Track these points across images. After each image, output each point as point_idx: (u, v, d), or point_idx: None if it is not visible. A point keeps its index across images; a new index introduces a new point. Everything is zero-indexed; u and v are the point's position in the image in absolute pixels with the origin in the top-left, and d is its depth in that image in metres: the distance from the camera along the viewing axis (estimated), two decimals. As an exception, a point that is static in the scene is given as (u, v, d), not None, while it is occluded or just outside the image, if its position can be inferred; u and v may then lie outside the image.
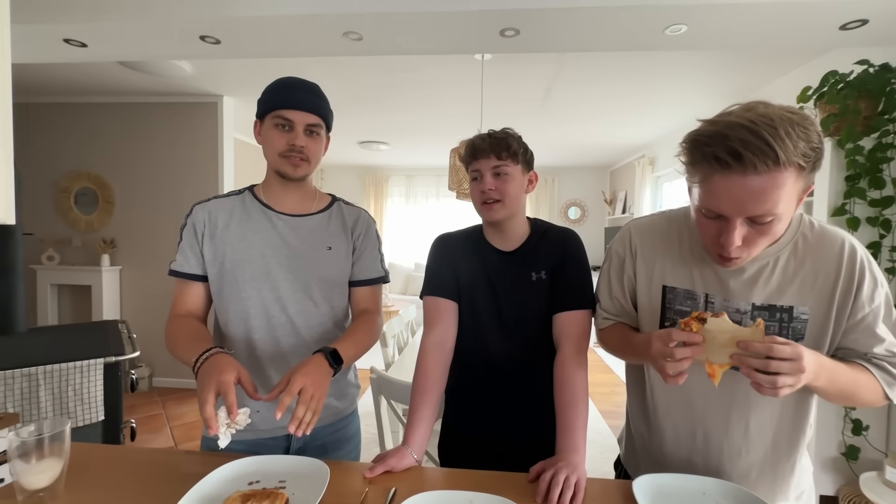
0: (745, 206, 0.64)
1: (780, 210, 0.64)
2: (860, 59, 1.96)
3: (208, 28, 1.77)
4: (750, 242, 0.69)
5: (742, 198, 0.64)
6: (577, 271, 1.02)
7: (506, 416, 1.04)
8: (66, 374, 1.70)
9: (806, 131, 0.62)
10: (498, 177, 0.99)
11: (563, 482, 0.76)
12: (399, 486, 0.80)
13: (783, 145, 0.60)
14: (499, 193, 0.99)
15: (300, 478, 0.80)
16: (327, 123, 1.03)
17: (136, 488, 0.79)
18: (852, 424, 1.99)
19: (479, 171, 1.00)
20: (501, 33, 1.82)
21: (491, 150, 0.99)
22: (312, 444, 1.03)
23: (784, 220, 0.67)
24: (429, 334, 1.02)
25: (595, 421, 3.17)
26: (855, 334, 0.76)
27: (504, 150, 0.98)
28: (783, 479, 0.85)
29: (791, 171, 0.62)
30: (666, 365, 0.69)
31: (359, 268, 1.08)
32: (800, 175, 0.63)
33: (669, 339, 0.68)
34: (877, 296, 0.74)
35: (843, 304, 0.75)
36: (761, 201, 0.63)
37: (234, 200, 1.04)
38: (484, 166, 0.99)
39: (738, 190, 0.64)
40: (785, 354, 0.62)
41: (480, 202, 1.01)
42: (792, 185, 0.63)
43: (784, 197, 0.63)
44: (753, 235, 0.68)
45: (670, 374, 0.69)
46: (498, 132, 1.01)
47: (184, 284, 1.01)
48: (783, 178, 0.62)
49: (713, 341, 0.68)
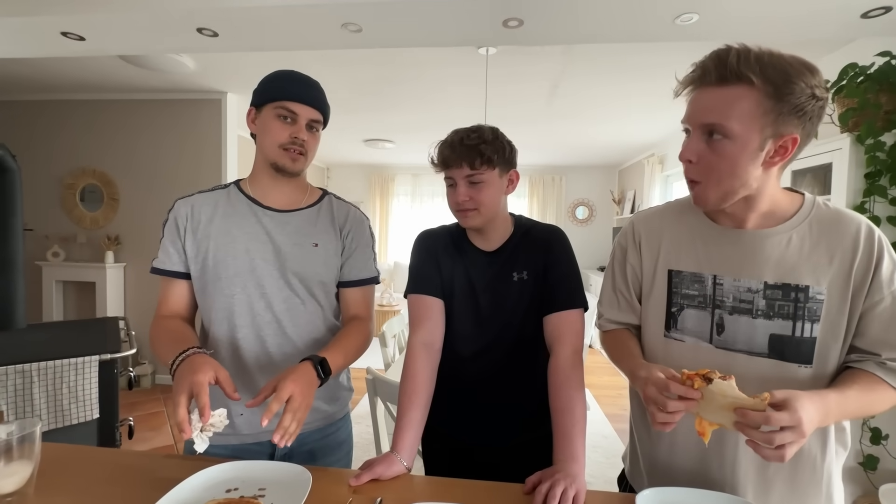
0: (697, 111, 0.69)
1: (734, 127, 0.66)
2: (882, 52, 1.88)
3: (205, 20, 1.73)
4: (705, 163, 0.70)
5: (698, 104, 0.70)
6: (564, 270, 0.98)
7: (482, 417, 1.01)
8: (60, 371, 1.68)
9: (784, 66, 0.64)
10: (473, 185, 0.94)
11: (561, 495, 0.71)
12: (385, 496, 0.75)
13: (737, 60, 0.64)
14: (474, 203, 0.94)
15: (281, 485, 0.75)
16: (326, 120, 1.02)
17: (110, 493, 0.75)
18: (871, 433, 1.90)
19: (452, 179, 0.96)
20: (505, 24, 1.76)
21: (463, 159, 0.92)
22: (299, 449, 0.99)
23: (742, 146, 0.67)
24: (416, 334, 0.98)
25: (601, 425, 3.09)
26: (870, 327, 0.71)
27: (477, 158, 0.92)
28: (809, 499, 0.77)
29: (743, 87, 0.65)
30: (656, 413, 0.65)
31: (349, 267, 1.03)
32: (758, 98, 0.64)
33: (665, 389, 0.64)
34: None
35: (860, 285, 0.70)
36: (711, 109, 0.67)
37: (219, 194, 1.00)
38: (457, 175, 0.94)
39: (697, 101, 0.70)
40: (783, 423, 0.58)
41: (455, 211, 0.97)
42: (749, 106, 0.65)
43: (737, 115, 0.65)
44: (708, 155, 0.69)
45: (659, 422, 0.65)
46: (470, 136, 0.93)
47: (168, 283, 0.97)
48: (735, 93, 0.65)
49: (711, 401, 0.64)
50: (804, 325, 0.72)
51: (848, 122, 1.95)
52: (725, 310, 0.77)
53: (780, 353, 0.74)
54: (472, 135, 0.94)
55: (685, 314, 0.81)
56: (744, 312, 0.76)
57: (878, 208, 1.88)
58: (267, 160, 0.97)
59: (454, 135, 0.96)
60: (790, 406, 0.59)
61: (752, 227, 0.76)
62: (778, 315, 0.74)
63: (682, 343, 0.81)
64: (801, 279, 0.72)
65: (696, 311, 0.80)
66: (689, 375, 0.64)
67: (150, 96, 3.51)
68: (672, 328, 0.82)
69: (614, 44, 2.07)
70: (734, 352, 0.77)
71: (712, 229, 0.80)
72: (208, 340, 0.97)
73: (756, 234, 0.76)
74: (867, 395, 0.68)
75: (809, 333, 0.72)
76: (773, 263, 0.74)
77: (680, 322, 0.81)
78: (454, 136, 0.95)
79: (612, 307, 0.92)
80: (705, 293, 0.79)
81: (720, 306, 0.78)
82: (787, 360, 0.74)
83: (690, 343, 0.80)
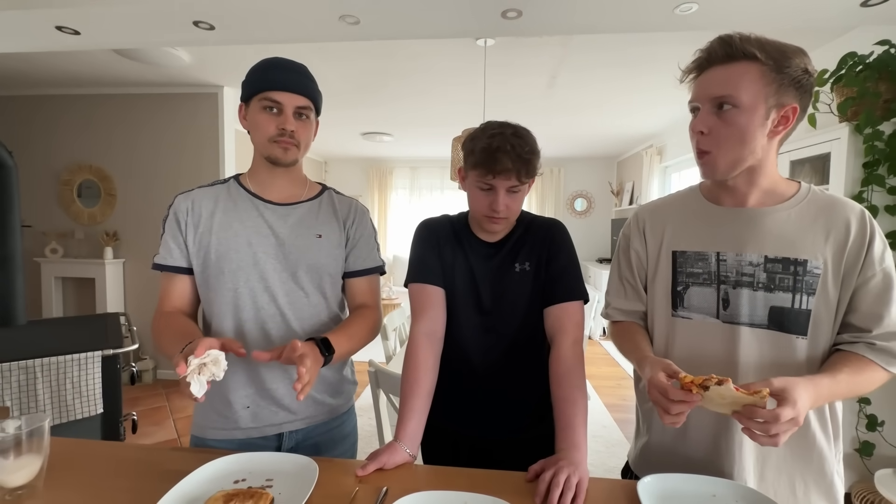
0: (708, 88, 0.75)
1: (743, 98, 0.72)
2: (881, 40, 1.87)
3: (201, 13, 1.72)
4: (716, 134, 0.75)
5: (707, 84, 0.75)
6: (565, 263, 0.98)
7: (483, 409, 1.01)
8: (63, 367, 1.68)
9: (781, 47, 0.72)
10: (510, 194, 0.92)
11: (564, 482, 0.72)
12: (391, 485, 0.76)
13: (740, 41, 0.72)
14: (508, 212, 0.93)
15: (288, 476, 0.76)
16: (317, 106, 0.99)
17: (118, 486, 0.76)
18: (867, 420, 1.93)
19: (492, 186, 0.90)
20: (503, 15, 1.75)
21: (514, 171, 0.88)
22: (305, 443, 1.00)
23: (750, 116, 0.72)
24: (418, 323, 0.98)
25: (601, 415, 3.12)
26: (863, 301, 0.75)
27: (525, 171, 0.89)
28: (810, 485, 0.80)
29: (749, 63, 0.71)
30: (663, 414, 0.69)
31: (353, 258, 1.04)
32: (762, 73, 0.71)
33: (667, 395, 0.67)
34: (887, 258, 0.75)
35: (853, 262, 0.75)
36: (720, 83, 0.73)
37: (219, 189, 1.00)
38: (501, 185, 0.90)
39: (705, 79, 0.76)
40: (787, 418, 0.61)
41: (485, 215, 0.93)
42: (754, 78, 0.71)
43: (744, 87, 0.71)
44: (719, 126, 0.74)
45: (666, 422, 0.68)
46: (522, 146, 0.88)
47: (169, 278, 0.97)
48: (741, 67, 0.72)
49: (711, 401, 0.66)
50: (802, 297, 0.76)
51: (847, 111, 1.95)
52: (730, 284, 0.80)
53: (779, 325, 0.77)
54: (522, 144, 0.89)
55: (691, 292, 0.84)
56: (746, 286, 0.79)
57: (877, 197, 1.89)
58: (261, 154, 0.97)
59: (500, 139, 0.88)
60: (790, 398, 0.62)
61: (753, 204, 0.80)
62: (778, 288, 0.77)
63: (689, 321, 0.84)
64: (800, 253, 0.76)
65: (701, 287, 0.83)
66: (686, 385, 0.66)
67: (147, 90, 3.48)
68: (679, 307, 0.85)
69: (613, 35, 2.06)
70: (738, 325, 0.79)
71: (714, 210, 0.84)
72: (212, 334, 0.97)
73: (757, 212, 0.80)
74: (857, 377, 0.72)
75: (805, 305, 0.76)
76: (774, 238, 0.78)
77: (686, 300, 0.84)
78: (501, 142, 0.87)
79: (619, 296, 0.94)
80: (710, 270, 0.82)
81: (725, 281, 0.81)
82: (785, 331, 0.77)
83: (698, 319, 0.83)
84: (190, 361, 0.71)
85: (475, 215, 0.97)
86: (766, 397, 0.62)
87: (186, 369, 0.70)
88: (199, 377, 0.71)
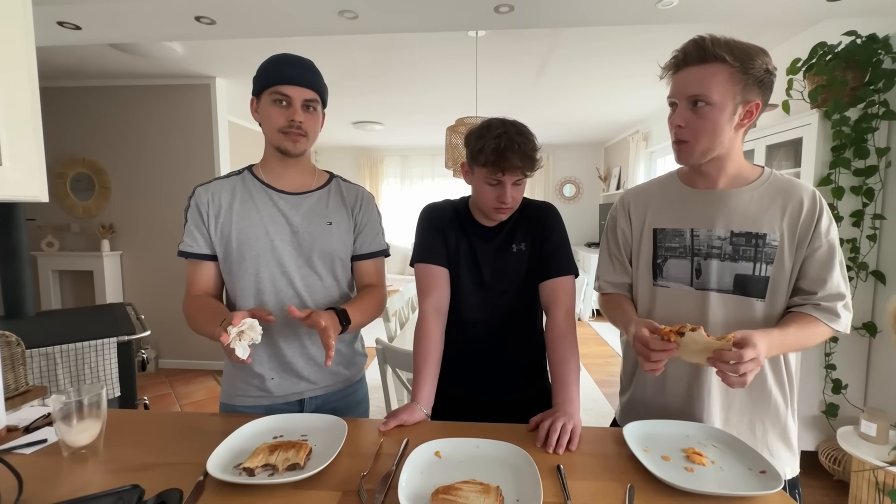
0: (685, 86, 0.84)
1: (714, 97, 0.82)
2: (848, 31, 1.99)
3: (204, 8, 1.76)
4: (692, 126, 0.85)
5: (684, 81, 0.85)
6: (558, 241, 1.09)
7: (482, 373, 1.13)
8: (81, 352, 1.76)
9: (746, 49, 0.81)
10: (516, 187, 1.02)
11: (560, 428, 0.84)
12: (411, 437, 0.87)
13: (713, 44, 0.81)
14: (514, 202, 1.03)
15: (320, 432, 0.86)
16: (323, 99, 1.05)
17: (168, 445, 0.85)
18: (832, 384, 2.10)
19: (500, 181, 0.99)
20: (496, 9, 1.83)
21: (522, 167, 0.98)
22: (324, 408, 1.10)
23: (720, 112, 0.83)
24: (426, 300, 1.08)
25: (590, 389, 3.29)
26: (811, 268, 0.87)
27: (530, 167, 0.99)
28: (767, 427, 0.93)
29: (719, 65, 0.81)
30: (644, 363, 0.80)
31: (360, 242, 1.12)
32: (731, 73, 0.81)
33: (648, 345, 0.79)
34: (832, 231, 0.87)
35: (804, 235, 0.87)
36: (695, 83, 0.83)
37: (235, 181, 1.07)
38: (509, 179, 0.99)
39: (682, 78, 0.85)
40: (749, 357, 0.73)
41: (493, 207, 1.03)
42: (724, 79, 0.81)
43: (716, 87, 0.81)
44: (694, 119, 0.85)
45: (647, 369, 0.80)
46: (527, 144, 0.97)
47: (195, 265, 1.05)
48: (713, 69, 0.81)
49: (687, 347, 0.78)
50: (761, 265, 0.89)
51: (817, 98, 2.08)
52: (701, 256, 0.93)
53: (742, 290, 0.90)
54: (526, 142, 0.97)
55: (669, 264, 0.96)
56: (715, 257, 0.91)
57: (843, 179, 2.03)
58: (272, 145, 1.04)
59: (507, 139, 0.96)
60: (750, 342, 0.74)
61: (722, 187, 0.93)
62: (742, 258, 0.90)
63: (667, 289, 0.96)
64: (760, 228, 0.88)
65: (677, 260, 0.95)
66: (665, 333, 0.78)
67: (138, 82, 3.47)
68: (659, 277, 0.97)
69: (600, 27, 2.15)
70: (708, 291, 0.92)
71: (689, 192, 0.96)
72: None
73: (725, 193, 0.92)
74: (804, 331, 0.85)
75: (764, 273, 0.89)
76: (739, 215, 0.90)
77: (665, 271, 0.96)
78: (508, 142, 0.95)
79: (609, 270, 1.06)
80: (685, 244, 0.94)
81: (697, 254, 0.93)
82: (747, 295, 0.90)
83: (675, 288, 0.96)
84: (230, 331, 0.82)
85: (483, 207, 1.06)
86: (730, 340, 0.74)
87: (228, 338, 0.81)
88: (241, 342, 0.83)
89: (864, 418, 1.80)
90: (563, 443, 0.82)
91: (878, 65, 1.95)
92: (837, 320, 0.85)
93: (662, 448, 0.81)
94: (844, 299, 0.86)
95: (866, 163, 1.98)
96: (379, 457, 0.81)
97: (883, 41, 1.95)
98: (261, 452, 0.77)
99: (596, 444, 0.85)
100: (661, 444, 0.83)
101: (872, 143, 1.96)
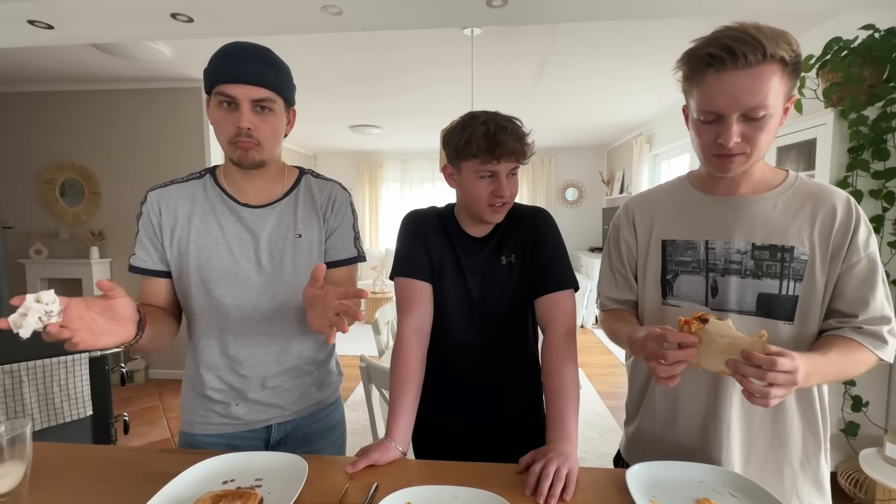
0: (739, 99, 0.68)
1: (771, 104, 0.68)
2: (865, 25, 1.88)
3: (179, 4, 1.67)
4: (749, 138, 0.71)
5: (736, 91, 0.67)
6: (552, 252, 0.97)
7: (470, 401, 1.01)
8: (49, 370, 1.66)
9: (784, 35, 0.67)
10: (510, 178, 0.92)
11: (554, 474, 0.72)
12: (382, 481, 0.76)
13: (767, 39, 0.65)
14: (511, 197, 0.93)
15: (277, 474, 0.76)
16: (284, 96, 0.88)
17: (106, 489, 0.75)
18: (852, 401, 1.97)
19: (494, 172, 0.90)
20: (488, 3, 1.73)
21: (516, 151, 0.88)
22: (294, 433, 0.99)
23: (776, 116, 0.70)
24: (406, 319, 0.97)
25: (593, 402, 3.16)
26: (848, 286, 0.75)
27: (523, 153, 0.90)
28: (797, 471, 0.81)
29: (776, 65, 0.67)
30: (658, 367, 0.67)
31: (332, 248, 0.98)
32: (784, 72, 0.68)
33: (664, 340, 0.66)
34: (871, 243, 0.76)
35: (838, 247, 0.76)
36: (753, 93, 0.67)
37: (195, 186, 0.94)
38: (503, 169, 0.89)
39: (731, 84, 0.68)
40: (785, 368, 0.60)
41: (489, 203, 0.92)
42: (778, 81, 0.68)
43: (773, 92, 0.67)
44: (750, 131, 0.70)
45: (662, 376, 0.67)
46: (518, 127, 0.89)
47: (147, 281, 0.94)
48: (770, 70, 0.67)
49: (710, 344, 0.65)
50: (789, 283, 0.77)
51: (832, 96, 1.96)
52: (718, 272, 0.81)
53: (767, 311, 0.78)
54: (516, 126, 0.89)
55: (680, 280, 0.84)
56: (734, 273, 0.79)
57: (861, 182, 1.91)
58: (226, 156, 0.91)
59: (495, 124, 0.87)
60: (788, 354, 0.61)
61: (743, 193, 0.80)
62: (766, 275, 0.78)
63: (679, 308, 0.84)
64: (787, 240, 0.77)
65: (690, 276, 0.83)
66: (685, 320, 0.66)
67: (127, 86, 3.40)
68: (668, 295, 0.85)
69: (601, 22, 2.04)
70: (727, 312, 0.80)
71: (703, 199, 0.84)
72: (197, 344, 0.95)
73: (746, 199, 0.80)
74: (846, 357, 0.72)
75: (792, 292, 0.77)
76: (761, 225, 0.78)
77: (676, 288, 0.84)
78: (497, 127, 0.87)
79: (611, 286, 0.94)
80: (699, 258, 0.82)
81: (713, 269, 0.81)
82: (772, 317, 0.78)
83: (687, 307, 0.83)
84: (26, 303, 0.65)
85: (477, 207, 0.94)
86: (763, 337, 0.62)
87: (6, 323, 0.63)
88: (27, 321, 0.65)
89: (888, 440, 1.67)
90: (555, 492, 0.70)
91: (897, 60, 1.83)
92: (884, 347, 0.73)
93: (672, 497, 0.70)
94: (890, 324, 0.74)
95: (886, 165, 1.85)
96: (341, 507, 0.69)
97: (902, 35, 1.83)
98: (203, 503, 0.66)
99: (594, 492, 0.74)
100: (671, 493, 0.71)
101: (892, 143, 1.84)
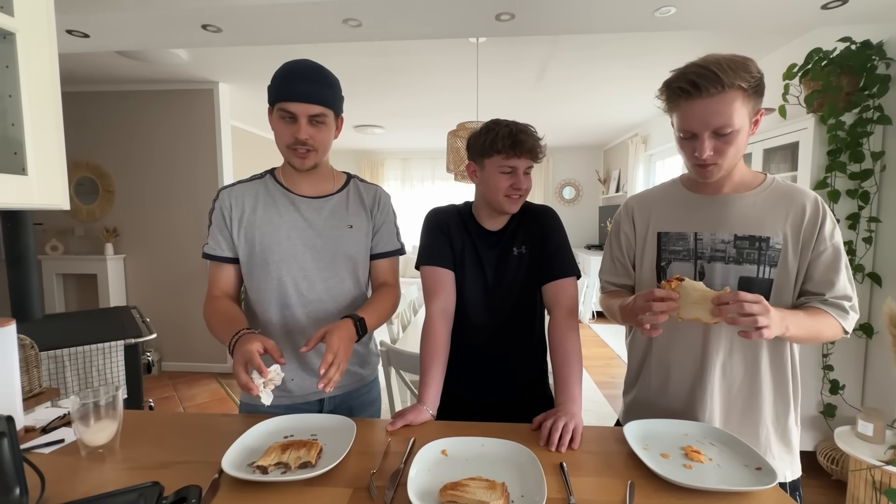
0: (708, 120, 0.83)
1: (736, 123, 0.82)
2: (843, 37, 2.03)
3: (210, 16, 1.79)
4: (720, 151, 0.86)
5: (704, 115, 0.83)
6: (558, 244, 1.12)
7: (484, 374, 1.15)
8: (89, 355, 1.79)
9: (744, 64, 0.81)
10: (526, 175, 1.07)
11: (562, 427, 0.86)
12: (417, 437, 0.89)
13: (726, 73, 0.80)
14: (526, 191, 1.08)
15: (330, 431, 0.89)
16: (334, 109, 1.04)
17: (183, 444, 0.88)
18: (830, 385, 2.13)
19: (514, 168, 1.05)
20: (497, 17, 1.86)
21: (533, 151, 1.04)
22: (341, 407, 1.13)
23: (742, 132, 0.85)
24: (433, 302, 1.11)
25: (591, 391, 3.32)
26: (816, 271, 0.90)
27: (539, 152, 1.06)
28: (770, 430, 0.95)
29: (736, 91, 0.81)
30: (644, 318, 0.82)
31: (377, 241, 1.15)
32: (745, 96, 0.82)
33: (651, 296, 0.81)
34: (836, 235, 0.90)
35: (808, 238, 0.90)
36: (718, 115, 0.82)
37: (258, 185, 1.10)
38: (521, 165, 1.05)
39: (701, 109, 0.83)
40: (749, 298, 0.75)
41: (507, 195, 1.07)
42: (741, 103, 0.82)
43: (736, 113, 0.82)
44: (721, 145, 0.85)
45: (647, 326, 0.82)
46: (534, 132, 1.06)
47: (217, 267, 1.08)
48: (731, 96, 0.81)
49: (686, 298, 0.80)
50: (765, 268, 0.91)
51: (813, 103, 2.12)
52: (705, 259, 0.95)
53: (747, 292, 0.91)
54: (533, 130, 1.06)
55: (672, 267, 0.98)
56: (719, 260, 0.94)
57: (839, 182, 2.06)
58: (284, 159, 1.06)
59: (516, 127, 1.04)
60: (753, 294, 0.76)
61: (727, 192, 0.96)
62: (746, 261, 0.92)
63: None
64: (764, 232, 0.91)
65: (681, 262, 0.98)
66: (667, 281, 0.83)
67: (143, 87, 3.51)
68: (662, 279, 1.00)
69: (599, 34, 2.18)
70: None
71: (693, 197, 0.99)
72: (257, 317, 1.09)
73: (729, 198, 0.95)
74: (814, 319, 0.87)
75: (768, 275, 0.91)
76: (742, 220, 0.93)
77: (669, 274, 0.99)
78: (517, 129, 1.04)
79: (612, 273, 1.10)
80: (689, 247, 0.97)
81: (701, 257, 0.96)
82: None
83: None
84: (256, 381, 0.85)
85: (496, 199, 1.08)
86: (727, 290, 0.77)
87: (257, 390, 0.85)
88: (265, 389, 0.87)
89: (860, 418, 1.83)
90: (565, 441, 0.84)
91: (872, 70, 1.98)
92: (846, 316, 0.88)
93: (662, 446, 0.84)
94: (852, 301, 0.89)
95: (861, 166, 2.01)
96: (387, 455, 0.83)
97: (877, 47, 1.98)
98: (273, 451, 0.79)
99: (597, 443, 0.88)
100: (661, 443, 0.85)
101: (867, 146, 2.00)
